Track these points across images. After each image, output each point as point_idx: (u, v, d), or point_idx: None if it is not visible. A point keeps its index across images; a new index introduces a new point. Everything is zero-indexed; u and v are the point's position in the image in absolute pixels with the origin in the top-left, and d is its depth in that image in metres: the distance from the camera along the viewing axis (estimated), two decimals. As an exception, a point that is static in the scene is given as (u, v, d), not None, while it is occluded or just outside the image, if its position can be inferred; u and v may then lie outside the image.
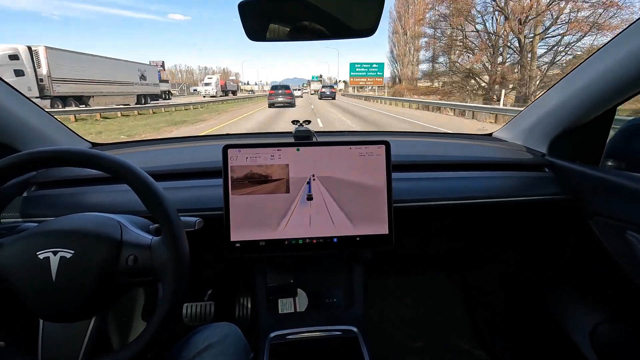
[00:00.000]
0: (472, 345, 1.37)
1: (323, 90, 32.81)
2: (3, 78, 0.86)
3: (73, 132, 1.09)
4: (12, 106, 0.87)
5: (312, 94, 57.46)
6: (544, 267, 1.22)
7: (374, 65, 39.59)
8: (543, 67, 19.71)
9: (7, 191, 0.82)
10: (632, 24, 0.75)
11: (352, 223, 0.81)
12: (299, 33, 0.73)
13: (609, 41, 0.81)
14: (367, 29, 0.71)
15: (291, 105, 19.79)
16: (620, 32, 0.78)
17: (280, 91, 19.61)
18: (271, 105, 19.78)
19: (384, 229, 0.82)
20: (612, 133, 0.98)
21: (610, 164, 0.96)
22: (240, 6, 0.67)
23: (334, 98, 32.02)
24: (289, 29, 0.72)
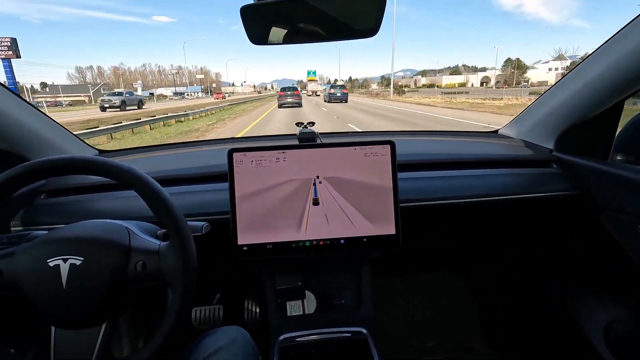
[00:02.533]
0: (483, 344, 1.35)
1: (332, 91, 25.94)
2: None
3: (80, 139, 1.10)
4: (21, 116, 0.88)
5: (310, 95, 46.60)
6: (555, 264, 1.21)
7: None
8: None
9: (17, 200, 0.84)
10: (637, 16, 0.74)
11: (359, 224, 0.81)
12: (301, 36, 0.73)
13: (614, 35, 0.80)
14: (369, 29, 0.71)
15: (299, 105, 21.60)
16: (625, 26, 0.77)
17: (289, 92, 21.84)
18: (281, 105, 21.40)
19: (391, 230, 0.81)
20: (620, 127, 0.97)
21: (619, 158, 0.95)
22: (242, 10, 0.67)
23: (346, 100, 25.99)
24: (291, 32, 0.72)
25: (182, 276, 0.54)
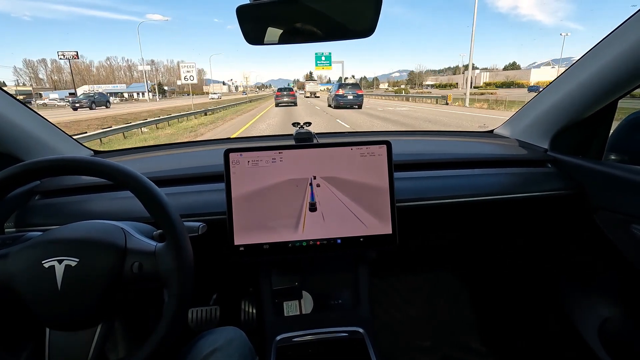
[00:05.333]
0: (480, 342, 1.36)
1: (341, 92, 18.04)
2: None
3: (75, 140, 1.10)
4: (15, 116, 0.87)
5: (308, 97, 40.85)
6: (550, 262, 1.22)
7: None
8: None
9: (12, 201, 0.83)
10: (630, 17, 0.75)
11: (356, 224, 0.81)
12: (297, 36, 0.73)
13: (608, 35, 0.81)
14: (365, 29, 0.71)
15: (294, 104, 23.28)
16: (618, 26, 0.78)
17: (285, 92, 24.02)
18: (278, 104, 23.19)
19: (387, 229, 0.82)
20: (614, 127, 0.98)
21: (613, 157, 0.96)
22: (238, 10, 0.67)
23: (360, 106, 18.29)
24: (287, 32, 0.72)
25: (178, 277, 0.54)
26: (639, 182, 0.79)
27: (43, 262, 0.52)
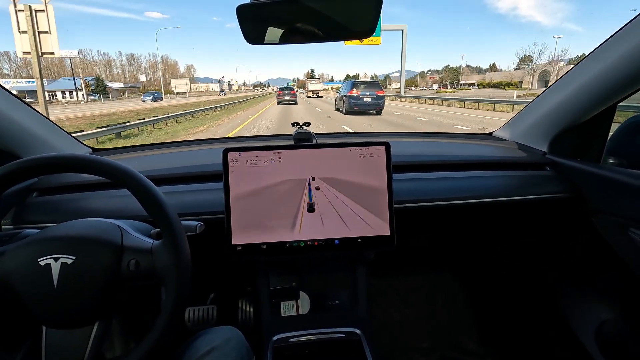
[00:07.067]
0: (478, 344, 1.36)
1: (355, 92, 13.93)
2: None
3: (73, 137, 1.09)
4: (13, 113, 0.87)
5: (309, 97, 37.65)
6: (548, 265, 1.22)
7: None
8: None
9: (9, 198, 0.83)
10: (630, 21, 0.75)
11: (354, 225, 0.81)
12: (297, 36, 0.73)
13: (608, 39, 0.81)
14: (365, 30, 0.71)
15: (294, 102, 25.23)
16: (618, 30, 0.79)
17: (286, 92, 26.27)
18: (279, 103, 25.13)
19: (385, 230, 0.82)
20: (612, 130, 0.98)
21: (611, 161, 0.96)
22: (238, 10, 0.67)
23: (379, 111, 14.55)
24: (287, 32, 0.72)
25: (175, 275, 0.54)
26: (637, 186, 0.79)
27: (39, 259, 0.51)
